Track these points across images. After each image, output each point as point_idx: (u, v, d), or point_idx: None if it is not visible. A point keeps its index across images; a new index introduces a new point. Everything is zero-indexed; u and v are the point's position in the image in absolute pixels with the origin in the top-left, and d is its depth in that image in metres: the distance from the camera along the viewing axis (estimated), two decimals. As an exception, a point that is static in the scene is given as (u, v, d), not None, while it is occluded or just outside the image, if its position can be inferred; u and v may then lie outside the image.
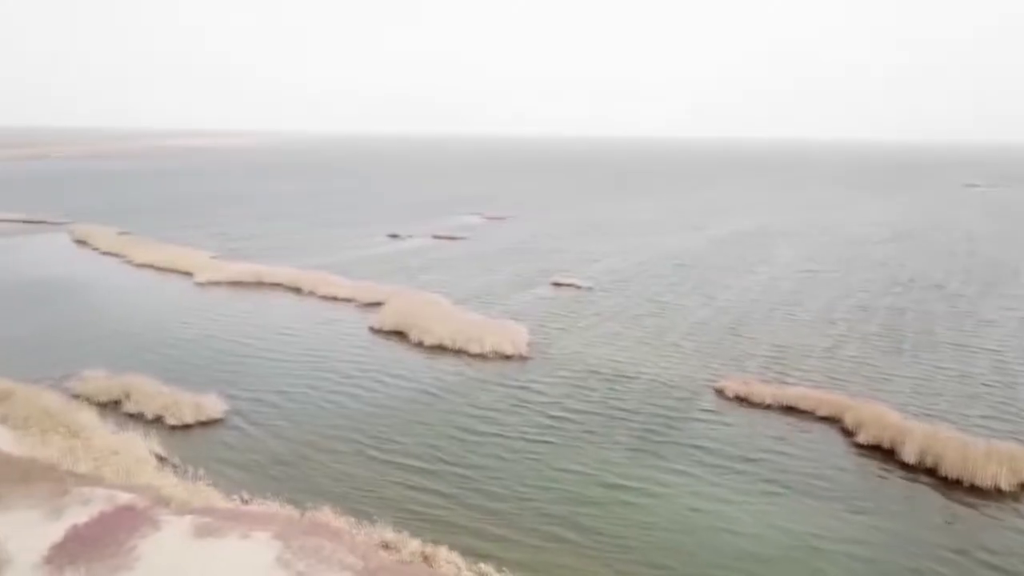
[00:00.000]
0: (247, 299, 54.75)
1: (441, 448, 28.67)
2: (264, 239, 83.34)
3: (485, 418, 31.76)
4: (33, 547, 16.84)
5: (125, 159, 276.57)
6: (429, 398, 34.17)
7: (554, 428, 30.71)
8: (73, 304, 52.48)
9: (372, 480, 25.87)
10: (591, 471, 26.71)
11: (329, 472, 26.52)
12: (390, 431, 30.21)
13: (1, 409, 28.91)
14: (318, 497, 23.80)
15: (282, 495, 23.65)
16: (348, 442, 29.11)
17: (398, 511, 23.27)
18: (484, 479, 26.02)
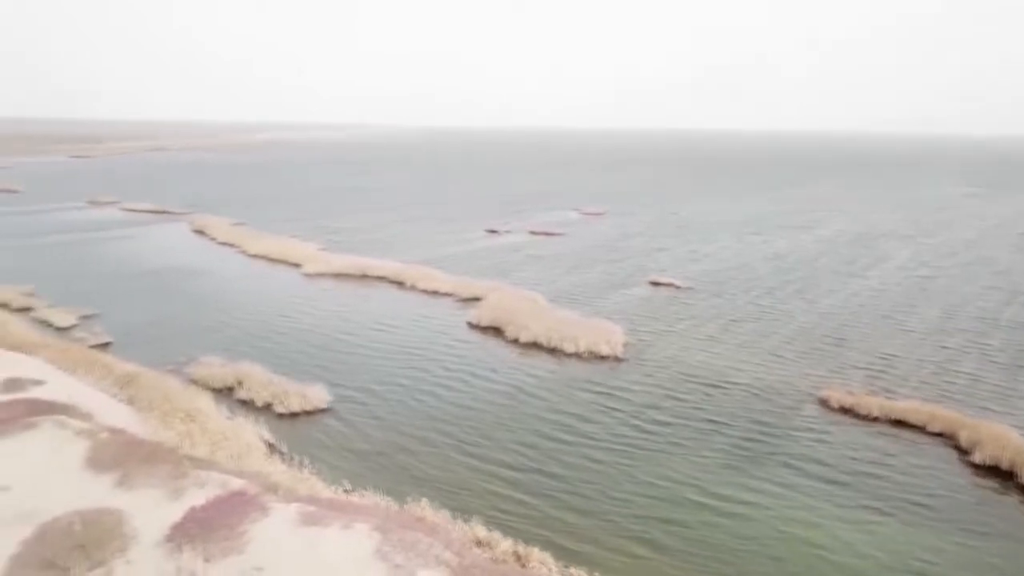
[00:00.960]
0: (352, 291, 56.62)
1: (529, 450, 28.81)
2: (367, 232, 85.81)
3: (575, 420, 31.72)
4: (156, 525, 18.10)
5: (236, 152, 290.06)
6: (521, 397, 34.49)
7: (646, 435, 30.39)
8: (193, 292, 55.62)
9: (462, 477, 26.38)
10: (683, 482, 26.28)
11: (424, 466, 27.24)
12: (480, 429, 30.68)
13: (128, 391, 31.09)
14: (414, 490, 24.55)
15: (381, 487, 24.52)
16: (441, 437, 29.78)
17: (487, 510, 23.61)
18: (572, 484, 25.99)
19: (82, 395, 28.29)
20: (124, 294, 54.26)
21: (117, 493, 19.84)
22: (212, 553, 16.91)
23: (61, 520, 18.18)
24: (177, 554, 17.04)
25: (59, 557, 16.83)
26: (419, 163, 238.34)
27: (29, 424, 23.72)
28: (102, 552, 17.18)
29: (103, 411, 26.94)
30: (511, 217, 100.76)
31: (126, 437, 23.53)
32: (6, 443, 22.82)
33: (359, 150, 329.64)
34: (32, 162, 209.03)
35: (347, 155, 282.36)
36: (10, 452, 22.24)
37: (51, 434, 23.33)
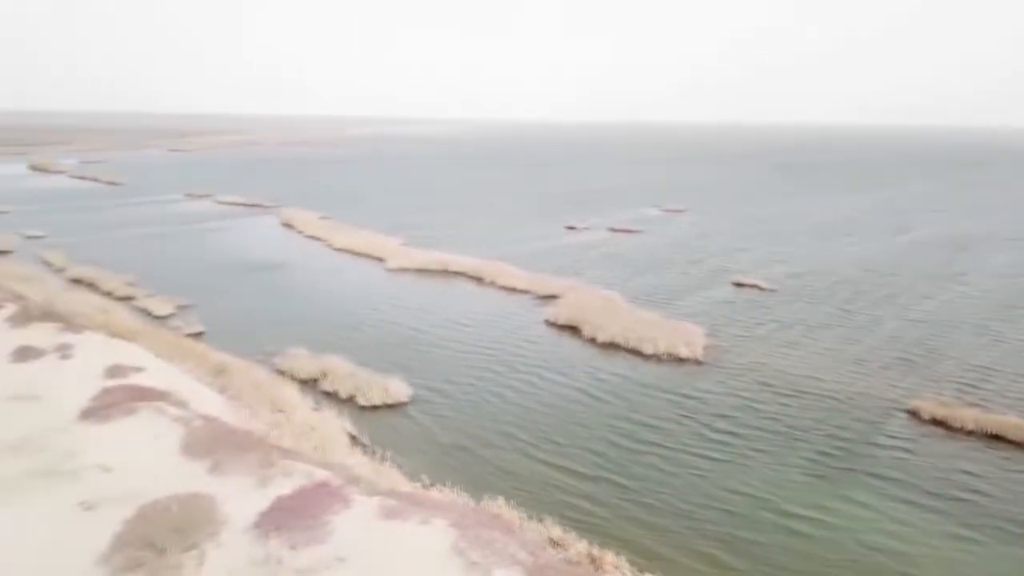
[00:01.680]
0: (432, 286, 57.61)
1: (602, 453, 28.65)
2: (448, 228, 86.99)
3: (647, 426, 31.35)
4: (245, 512, 18.96)
5: (326, 146, 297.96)
6: (596, 398, 34.44)
7: (720, 444, 29.72)
8: (280, 284, 57.65)
9: (534, 477, 26.53)
10: (759, 494, 25.61)
11: (498, 464, 27.58)
12: (554, 430, 30.74)
13: (220, 380, 32.56)
14: (489, 488, 24.91)
15: (458, 482, 24.99)
16: (515, 436, 30.04)
17: (558, 513, 23.67)
18: (640, 493, 25.64)
19: (178, 383, 29.77)
20: (217, 285, 56.67)
21: (210, 479, 20.85)
22: (297, 541, 17.61)
23: (160, 502, 19.22)
24: (265, 541, 17.81)
25: (157, 537, 17.81)
26: (500, 158, 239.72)
27: (131, 410, 25.16)
28: (196, 535, 18.10)
29: (197, 399, 28.30)
30: (589, 214, 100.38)
31: (218, 425, 24.69)
32: (110, 427, 24.28)
33: (441, 144, 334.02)
34: (133, 156, 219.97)
35: (431, 150, 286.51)
36: (114, 436, 23.65)
37: (150, 420, 24.68)
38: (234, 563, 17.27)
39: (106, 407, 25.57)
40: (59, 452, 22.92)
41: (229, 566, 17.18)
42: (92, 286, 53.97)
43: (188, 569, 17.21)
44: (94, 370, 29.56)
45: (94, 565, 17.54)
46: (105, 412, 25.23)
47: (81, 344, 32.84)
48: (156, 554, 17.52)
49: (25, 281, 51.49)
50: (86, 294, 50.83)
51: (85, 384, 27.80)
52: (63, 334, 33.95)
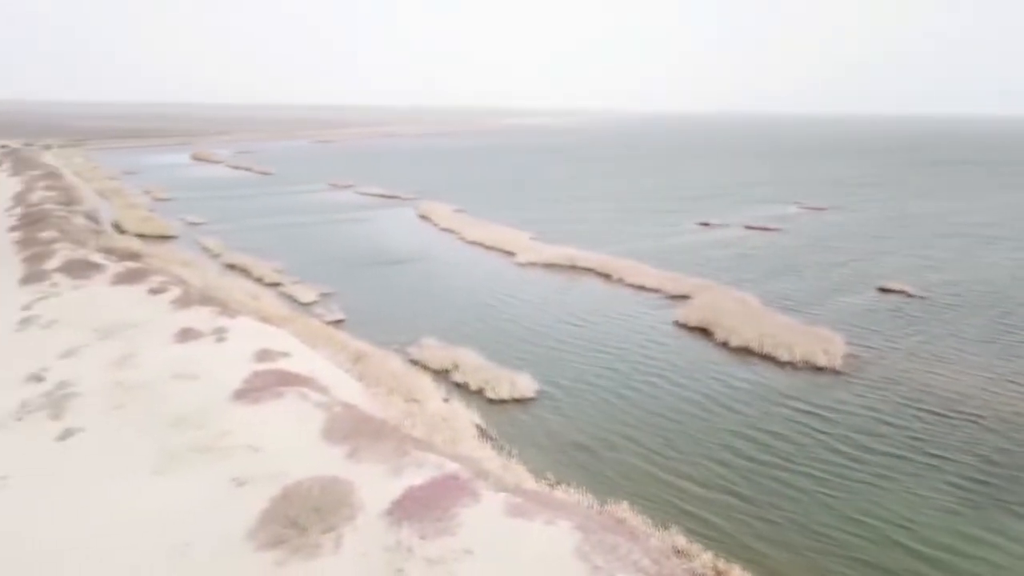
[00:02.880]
0: (561, 282, 57.90)
1: (726, 464, 27.75)
2: (579, 222, 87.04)
3: (779, 438, 30.16)
4: (379, 498, 19.84)
5: (464, 138, 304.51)
6: (723, 405, 33.53)
7: (857, 460, 28.15)
8: (415, 275, 59.66)
9: (655, 484, 26.17)
10: (891, 521, 23.94)
11: (620, 467, 27.45)
12: (678, 436, 30.18)
13: (358, 368, 34.16)
14: (612, 491, 24.86)
15: (582, 483, 25.11)
16: (639, 440, 29.75)
17: (679, 522, 23.23)
18: (769, 508, 24.64)
19: (320, 369, 31.44)
20: (357, 274, 59.33)
21: (347, 465, 21.94)
22: (427, 532, 18.27)
23: (302, 484, 20.41)
24: (396, 528, 18.58)
25: (300, 517, 18.96)
26: (633, 150, 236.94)
27: (277, 393, 26.81)
28: (334, 517, 19.12)
29: (337, 385, 29.80)
30: (724, 210, 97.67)
31: (356, 412, 25.92)
32: (259, 409, 25.98)
33: (572, 136, 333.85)
34: (283, 146, 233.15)
35: (562, 141, 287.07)
36: (262, 418, 25.31)
37: (295, 404, 26.22)
38: (368, 547, 18.13)
39: (256, 390, 27.34)
40: (214, 430, 24.75)
41: (363, 550, 18.06)
42: (245, 272, 57.81)
43: (326, 549, 18.24)
44: (245, 353, 31.63)
45: (243, 538, 18.88)
46: (255, 394, 26.99)
47: (234, 328, 35.22)
48: (298, 532, 18.66)
49: (187, 266, 55.79)
50: (239, 280, 54.55)
51: (237, 367, 29.81)
52: (219, 318, 36.49)
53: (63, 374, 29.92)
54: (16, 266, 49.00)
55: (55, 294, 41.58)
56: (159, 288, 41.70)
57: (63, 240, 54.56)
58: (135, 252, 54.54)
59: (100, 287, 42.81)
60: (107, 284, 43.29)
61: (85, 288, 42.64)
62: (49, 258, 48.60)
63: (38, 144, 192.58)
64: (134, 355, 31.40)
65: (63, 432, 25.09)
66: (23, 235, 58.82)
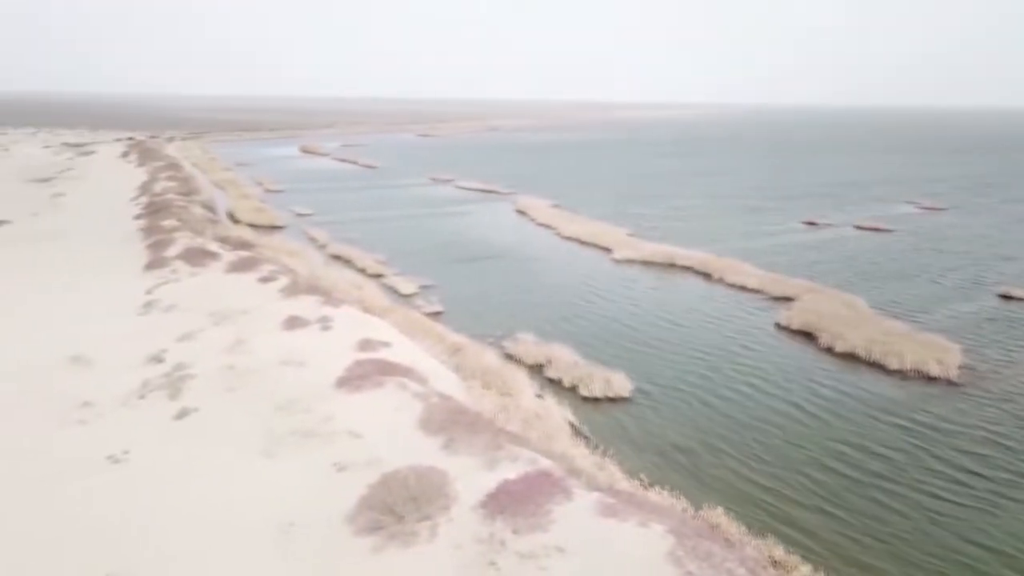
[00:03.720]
0: (658, 279, 57.16)
1: (825, 479, 26.49)
2: (677, 219, 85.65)
3: (886, 451, 28.67)
4: (473, 491, 20.17)
5: (563, 132, 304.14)
6: (828, 413, 32.27)
7: (965, 483, 26.28)
8: (512, 270, 60.12)
9: (746, 493, 25.43)
10: (1012, 551, 22.19)
11: (715, 473, 26.88)
12: (775, 444, 29.18)
13: (455, 360, 34.77)
14: (706, 496, 24.40)
15: (676, 486, 24.76)
16: (735, 445, 29.00)
17: (773, 535, 22.58)
18: (858, 529, 23.30)
19: (419, 360, 32.18)
20: (455, 267, 60.30)
21: (443, 456, 22.40)
22: (520, 527, 18.46)
23: (400, 472, 20.96)
24: (490, 521, 18.86)
25: (397, 505, 19.49)
26: (743, 145, 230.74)
27: (378, 383, 27.62)
28: (429, 507, 19.56)
29: (435, 377, 30.44)
30: (832, 208, 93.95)
31: (453, 404, 26.41)
32: (361, 397, 26.85)
33: (692, 129, 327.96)
34: (388, 140, 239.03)
35: (666, 135, 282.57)
36: (363, 405, 26.14)
37: (394, 394, 26.95)
38: (461, 539, 18.48)
39: (358, 378, 28.24)
40: (318, 415, 25.73)
41: (457, 541, 18.42)
42: (348, 263, 59.70)
43: (421, 538, 18.69)
44: (349, 342, 32.71)
45: (343, 522, 19.59)
46: (357, 382, 27.88)
47: (339, 317, 36.45)
48: (395, 520, 19.19)
49: (294, 255, 58.07)
50: (343, 270, 56.38)
51: (341, 355, 30.86)
52: (324, 307, 37.85)
53: (180, 356, 31.74)
54: (141, 253, 52.26)
55: (175, 280, 44.14)
56: (269, 277, 43.61)
57: (183, 229, 57.78)
58: (247, 241, 57.20)
59: (215, 274, 45.15)
60: (221, 272, 45.61)
61: (201, 275, 45.07)
62: (170, 246, 51.59)
63: (162, 136, 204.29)
64: (245, 341, 32.98)
65: (180, 412, 26.63)
66: (147, 223, 62.65)
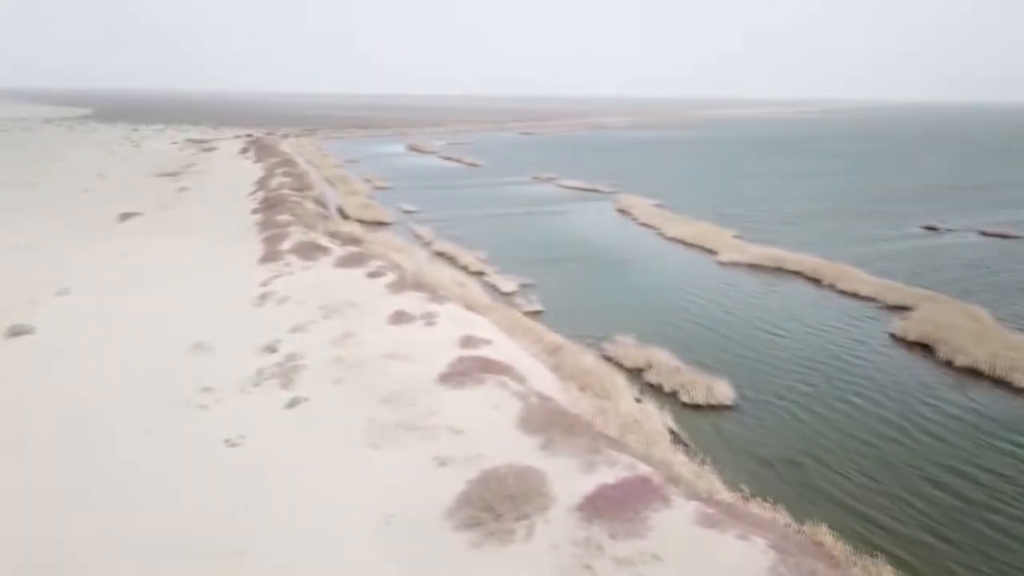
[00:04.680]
0: (765, 284, 55.55)
1: (932, 504, 25.05)
2: (785, 221, 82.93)
3: (1004, 478, 26.87)
4: (571, 493, 20.26)
5: (670, 129, 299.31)
6: (943, 432, 30.50)
7: None
8: (612, 270, 59.73)
9: (849, 511, 24.40)
10: None
11: (818, 488, 25.93)
12: (884, 463, 27.77)
13: (554, 360, 34.92)
14: (809, 512, 23.58)
15: (779, 499, 24.06)
16: (840, 461, 27.80)
17: (878, 557, 21.52)
18: (971, 557, 21.99)
19: (518, 359, 32.51)
20: (555, 267, 60.41)
21: (541, 456, 22.60)
22: (617, 531, 18.44)
23: (499, 470, 21.30)
24: (587, 525, 18.91)
25: (495, 503, 19.83)
26: (850, 144, 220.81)
27: (479, 380, 28.10)
28: (527, 506, 19.80)
29: (533, 376, 30.69)
30: (954, 213, 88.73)
31: (551, 404, 26.58)
32: (462, 393, 27.39)
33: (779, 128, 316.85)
34: (491, 138, 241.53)
35: (770, 134, 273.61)
36: (465, 402, 26.68)
37: (494, 391, 27.36)
38: (558, 540, 18.62)
39: (460, 374, 28.82)
40: (421, 409, 26.44)
41: (554, 542, 18.57)
42: (451, 260, 60.79)
43: (518, 537, 18.96)
44: (451, 339, 33.38)
45: (442, 517, 20.09)
46: (459, 378, 28.46)
47: (442, 314, 37.24)
48: (493, 517, 19.53)
49: (400, 252, 59.61)
50: (446, 267, 57.48)
51: (444, 351, 31.54)
52: (429, 303, 38.76)
53: (293, 347, 33.22)
54: (257, 246, 54.88)
55: (288, 273, 46.15)
56: (376, 272, 44.98)
57: (296, 224, 60.28)
58: (356, 237, 59.15)
59: (325, 269, 46.93)
60: (331, 266, 47.36)
61: (313, 269, 46.94)
62: (284, 240, 53.95)
63: (278, 133, 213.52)
64: (353, 334, 34.17)
65: (291, 400, 27.91)
66: (263, 218, 65.70)
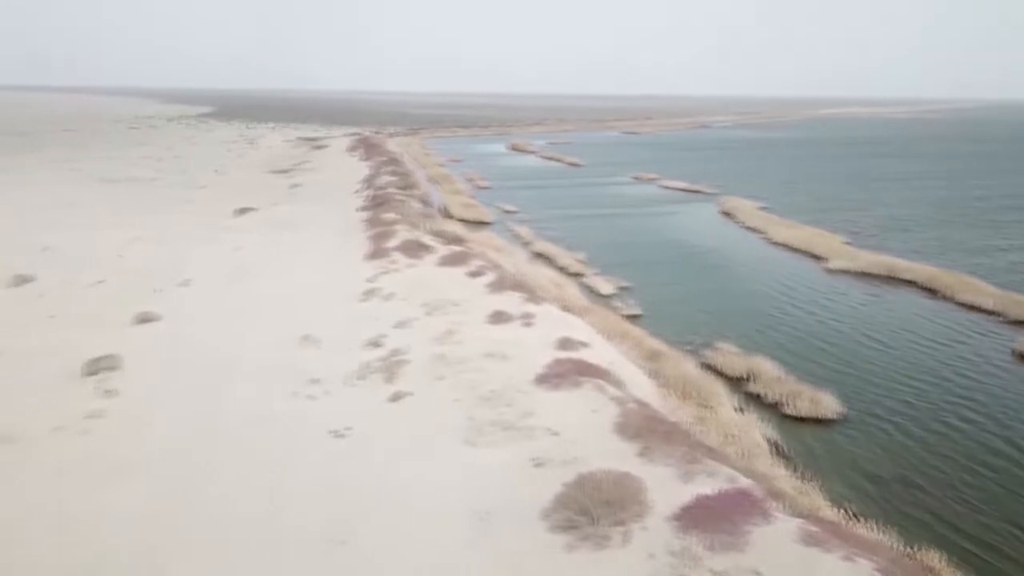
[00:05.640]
0: (875, 293, 53.21)
1: None
2: (901, 229, 79.09)
3: None
4: (668, 502, 20.09)
5: (776, 129, 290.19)
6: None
7: None
8: (714, 275, 58.57)
9: (964, 536, 23.14)
10: None
11: (930, 511, 24.70)
12: (1001, 492, 26.26)
13: (652, 366, 34.62)
14: (919, 536, 22.53)
15: (887, 521, 23.13)
16: (952, 485, 26.38)
17: None
18: None
19: (616, 363, 32.42)
20: (654, 270, 59.73)
21: (638, 463, 22.48)
22: (715, 544, 18.17)
23: (595, 474, 21.35)
24: (684, 535, 18.72)
25: (591, 507, 19.88)
26: (960, 146, 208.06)
27: (576, 383, 28.20)
28: (623, 513, 19.76)
29: (631, 382, 30.54)
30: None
31: (649, 411, 26.41)
32: (559, 395, 27.57)
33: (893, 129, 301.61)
34: (593, 137, 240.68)
35: (882, 135, 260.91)
36: (561, 404, 26.83)
37: (591, 395, 27.39)
38: (654, 548, 18.51)
39: (557, 376, 29.01)
40: (518, 410, 26.75)
41: (650, 550, 18.48)
42: (550, 261, 61.03)
43: (614, 542, 18.95)
44: (549, 340, 33.60)
45: (538, 517, 20.29)
46: (556, 380, 28.65)
47: (540, 314, 37.54)
48: (589, 521, 19.59)
49: (500, 252, 60.31)
50: (544, 268, 57.74)
51: (541, 352, 31.81)
52: (527, 304, 39.12)
53: (396, 343, 34.21)
54: (364, 243, 56.67)
55: (394, 270, 47.50)
56: (477, 272, 45.72)
57: (402, 222, 61.91)
58: (459, 236, 60.20)
59: (429, 267, 48.05)
60: (434, 265, 48.44)
61: (417, 267, 48.14)
62: (390, 238, 55.51)
63: (384, 132, 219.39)
64: (454, 332, 34.89)
65: (394, 394, 28.78)
66: (370, 215, 67.77)
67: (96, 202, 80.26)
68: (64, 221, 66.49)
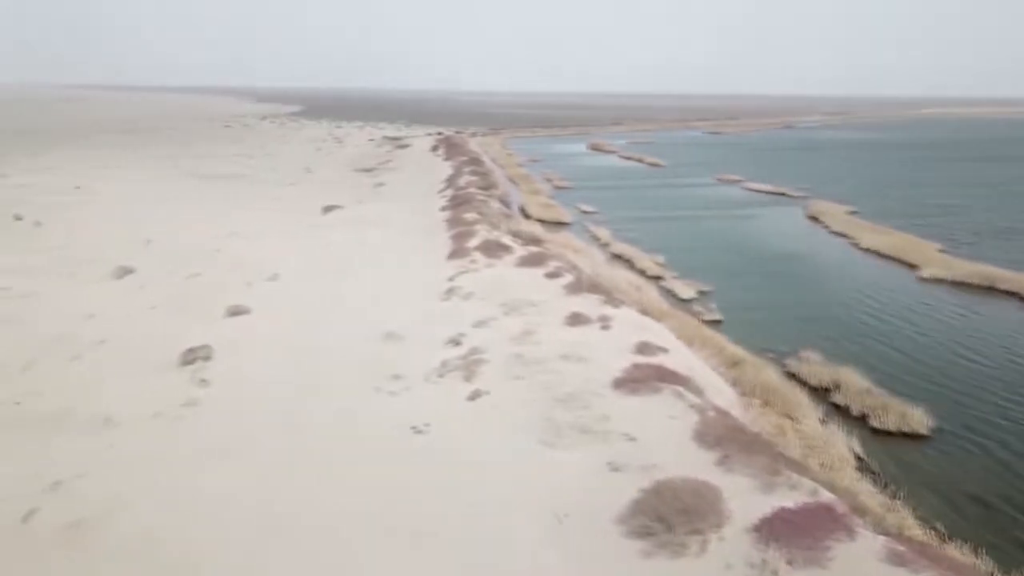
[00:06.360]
0: (973, 305, 50.80)
1: None
2: (1001, 236, 75.21)
3: None
4: (746, 513, 19.78)
5: (869, 130, 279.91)
6: None
7: None
8: (799, 281, 57.03)
9: None
10: None
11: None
12: None
13: (733, 373, 34.04)
14: (1020, 563, 21.55)
15: (982, 544, 22.15)
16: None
17: None
18: None
19: (696, 369, 32.03)
20: (736, 274, 58.58)
21: (717, 472, 22.19)
22: (795, 558, 17.82)
23: (672, 482, 21.22)
24: (763, 547, 18.41)
25: (668, 514, 19.78)
26: None
27: (655, 388, 28.00)
28: (701, 522, 19.58)
29: (711, 389, 30.12)
30: None
31: (729, 420, 26.01)
32: (637, 400, 27.43)
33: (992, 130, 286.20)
34: (675, 137, 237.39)
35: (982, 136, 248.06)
36: (639, 409, 26.69)
37: (670, 401, 27.15)
38: (732, 559, 18.29)
39: (634, 380, 28.87)
40: (595, 413, 26.75)
41: (727, 561, 18.27)
42: (628, 263, 60.63)
43: (691, 551, 18.81)
44: (626, 344, 33.44)
45: (613, 522, 20.30)
46: (633, 385, 28.52)
47: (618, 318, 37.36)
48: (665, 528, 19.50)
49: (578, 253, 60.26)
50: (623, 270, 57.40)
51: (619, 356, 31.70)
52: (604, 306, 38.99)
53: (475, 341, 34.64)
54: (446, 242, 57.55)
55: (473, 270, 48.07)
56: (554, 273, 45.84)
57: (482, 222, 62.56)
58: (537, 237, 60.49)
59: (507, 267, 48.43)
60: (513, 265, 48.79)
61: (496, 267, 48.58)
62: (471, 238, 56.17)
63: (466, 132, 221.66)
64: (532, 332, 35.11)
65: (473, 393, 29.18)
66: (452, 215, 68.70)
67: (193, 198, 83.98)
68: (164, 215, 69.91)
